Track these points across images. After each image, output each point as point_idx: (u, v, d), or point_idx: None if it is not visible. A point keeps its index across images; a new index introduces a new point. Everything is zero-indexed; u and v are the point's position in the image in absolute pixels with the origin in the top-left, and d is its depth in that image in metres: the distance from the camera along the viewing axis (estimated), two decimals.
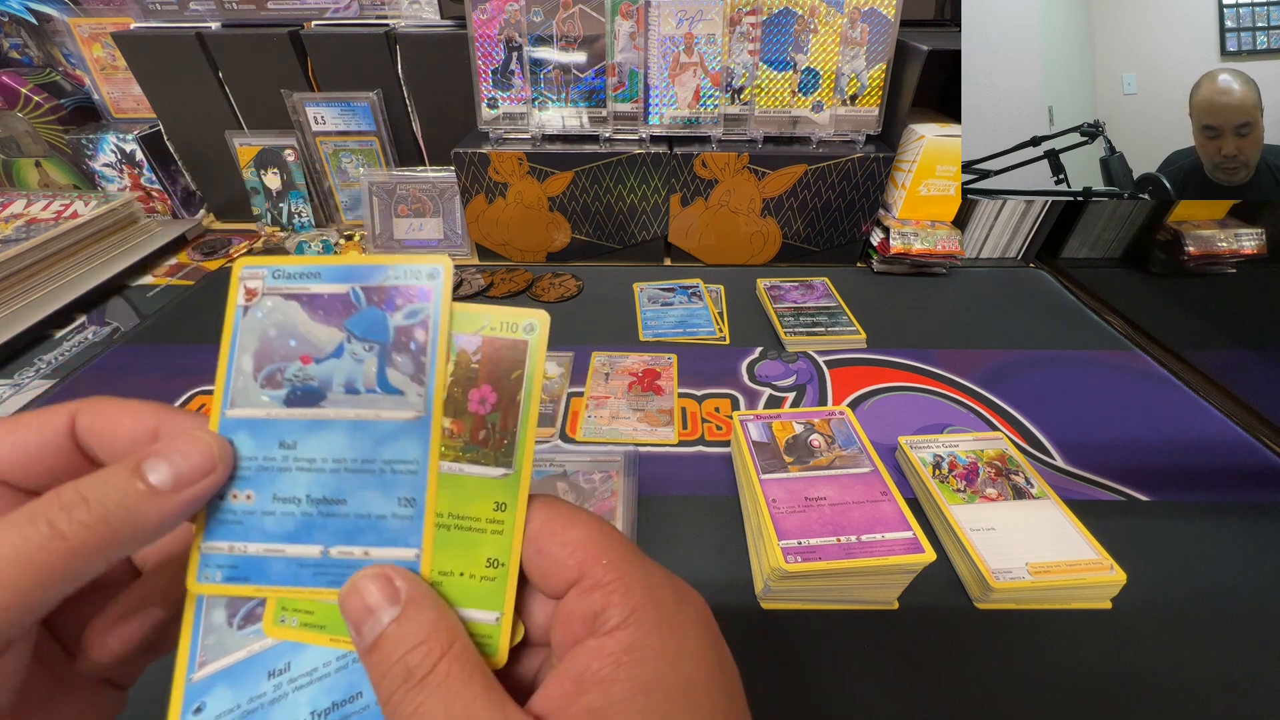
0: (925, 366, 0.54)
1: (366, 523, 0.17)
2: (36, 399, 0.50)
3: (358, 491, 0.17)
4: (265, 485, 0.17)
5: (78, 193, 0.73)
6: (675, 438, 0.46)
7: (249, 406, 0.17)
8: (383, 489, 0.17)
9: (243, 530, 0.17)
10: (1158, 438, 0.46)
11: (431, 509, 0.17)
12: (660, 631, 0.14)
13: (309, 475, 0.17)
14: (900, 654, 0.32)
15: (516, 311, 0.17)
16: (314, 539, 0.17)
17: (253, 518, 0.17)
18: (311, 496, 0.17)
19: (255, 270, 0.18)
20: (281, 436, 0.17)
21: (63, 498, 0.14)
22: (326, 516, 0.17)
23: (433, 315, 0.17)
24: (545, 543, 0.16)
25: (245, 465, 0.17)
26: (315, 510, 0.17)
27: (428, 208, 0.72)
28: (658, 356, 0.54)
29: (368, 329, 0.18)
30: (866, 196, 0.66)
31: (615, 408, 0.48)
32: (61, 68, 0.80)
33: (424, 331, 0.17)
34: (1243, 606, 0.34)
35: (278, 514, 0.17)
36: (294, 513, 0.17)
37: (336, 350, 0.18)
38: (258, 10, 0.69)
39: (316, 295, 0.18)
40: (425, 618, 0.15)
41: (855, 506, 0.34)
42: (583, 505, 0.38)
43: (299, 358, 0.18)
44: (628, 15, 0.60)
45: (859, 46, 0.61)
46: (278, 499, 0.17)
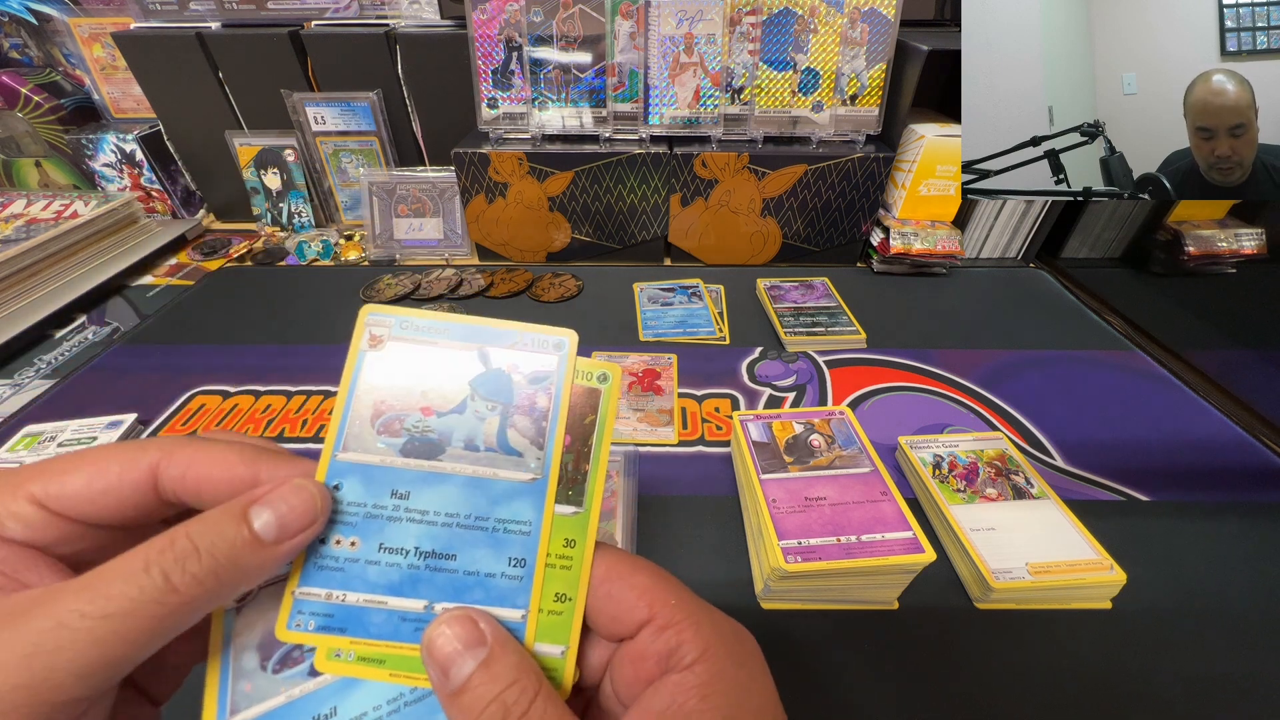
0: (925, 366, 0.54)
1: (475, 580, 0.17)
2: (36, 399, 0.50)
3: (469, 548, 0.17)
4: (372, 533, 0.17)
5: (78, 193, 0.73)
6: (675, 438, 0.46)
7: (363, 452, 0.17)
8: (494, 548, 0.17)
9: (344, 578, 0.16)
10: (1158, 438, 0.46)
11: (541, 571, 0.17)
12: (734, 664, 0.15)
13: (419, 527, 0.17)
14: (900, 654, 0.32)
15: (591, 362, 0.19)
16: (419, 593, 0.16)
17: (356, 566, 0.16)
18: (420, 549, 0.17)
19: (383, 318, 0.18)
20: (394, 485, 0.17)
21: (176, 547, 0.13)
22: (434, 571, 0.17)
23: (557, 383, 0.18)
24: (614, 586, 0.16)
25: (353, 511, 0.17)
26: (423, 564, 0.17)
27: (428, 208, 0.72)
28: (658, 356, 0.54)
29: (493, 389, 0.18)
30: (866, 196, 0.66)
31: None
32: (61, 68, 0.80)
33: (547, 398, 0.18)
34: (1243, 606, 0.34)
35: (382, 564, 0.16)
36: (400, 564, 0.16)
37: (460, 406, 0.18)
38: (258, 10, 0.69)
39: (444, 350, 0.18)
40: (511, 660, 0.15)
41: (855, 506, 0.34)
42: None
43: (420, 409, 0.18)
44: (628, 15, 0.60)
45: (859, 46, 0.61)
46: (384, 549, 0.16)
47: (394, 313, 0.18)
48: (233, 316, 0.61)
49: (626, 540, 0.37)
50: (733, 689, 0.15)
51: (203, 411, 0.48)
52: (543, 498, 0.17)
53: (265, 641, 0.16)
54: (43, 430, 0.45)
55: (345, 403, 0.18)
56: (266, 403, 0.49)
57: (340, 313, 0.61)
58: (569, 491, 0.18)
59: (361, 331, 0.18)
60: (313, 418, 0.47)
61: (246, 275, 0.69)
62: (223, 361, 0.54)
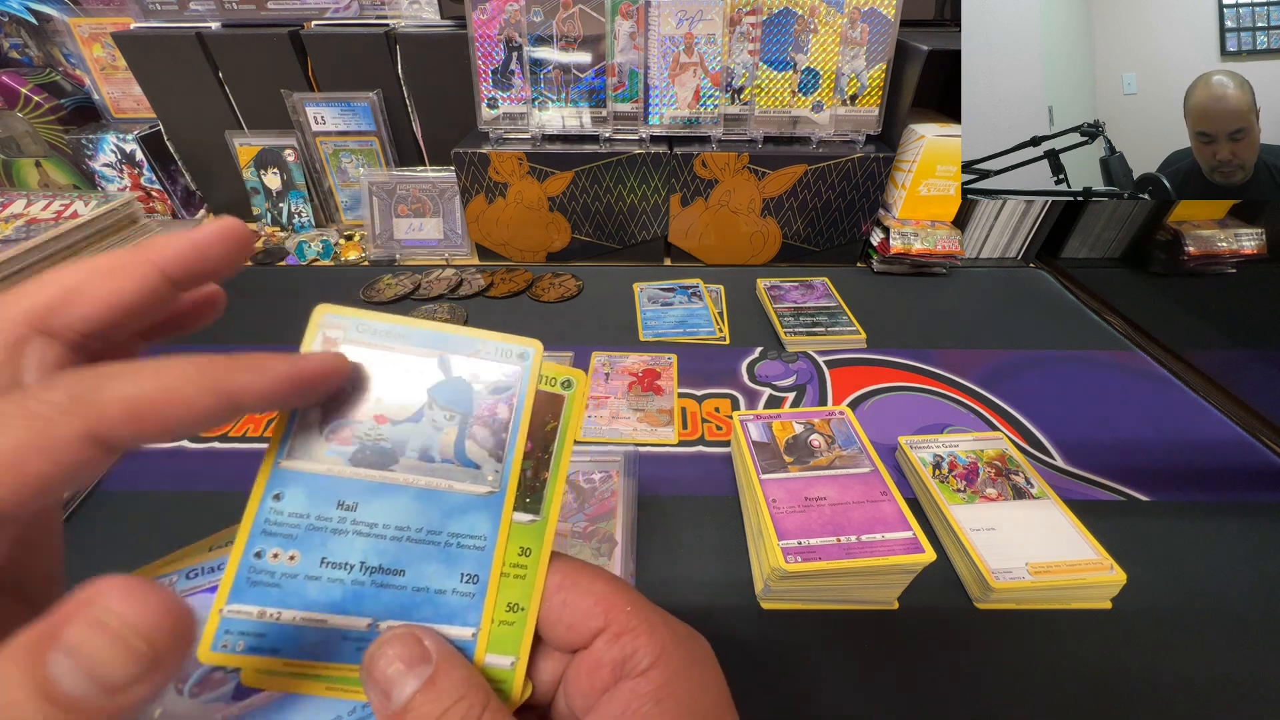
0: (925, 366, 0.54)
1: (424, 597, 0.16)
2: None
3: (419, 563, 0.16)
4: (314, 547, 0.15)
5: (78, 193, 0.73)
6: (675, 438, 0.46)
7: (309, 460, 0.16)
8: (446, 563, 0.16)
9: (280, 594, 0.15)
10: (1158, 438, 0.46)
11: (495, 587, 0.16)
12: (687, 667, 0.15)
13: (367, 541, 0.16)
14: (900, 654, 0.32)
15: (557, 367, 0.18)
16: (363, 610, 0.15)
17: (294, 581, 0.15)
18: (367, 564, 0.16)
19: (338, 320, 0.17)
20: (341, 496, 0.16)
21: None
22: (380, 587, 0.16)
23: (519, 395, 0.18)
24: (570, 594, 0.16)
25: (293, 523, 0.16)
26: (369, 579, 0.16)
27: (428, 208, 0.72)
28: (658, 356, 0.54)
29: (452, 398, 0.17)
30: (866, 196, 0.66)
31: (615, 407, 0.48)
32: (61, 68, 0.80)
33: (508, 409, 0.17)
34: (1243, 606, 0.34)
35: (324, 579, 0.15)
36: (343, 580, 0.15)
37: (416, 415, 0.17)
38: (258, 10, 0.69)
39: (402, 356, 0.17)
40: (458, 674, 0.14)
41: (855, 506, 0.34)
42: (582, 505, 0.39)
43: (374, 416, 0.17)
44: (628, 15, 0.60)
45: (859, 46, 0.61)
46: (327, 563, 0.15)
47: (351, 315, 0.17)
48: (233, 316, 0.61)
49: (626, 540, 0.37)
50: (686, 693, 0.15)
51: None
52: (499, 512, 0.17)
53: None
54: None
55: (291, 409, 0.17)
56: None
57: None
58: (526, 499, 0.17)
59: (315, 333, 0.17)
60: None
61: (246, 275, 0.69)
62: None
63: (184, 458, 0.44)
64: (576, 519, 0.38)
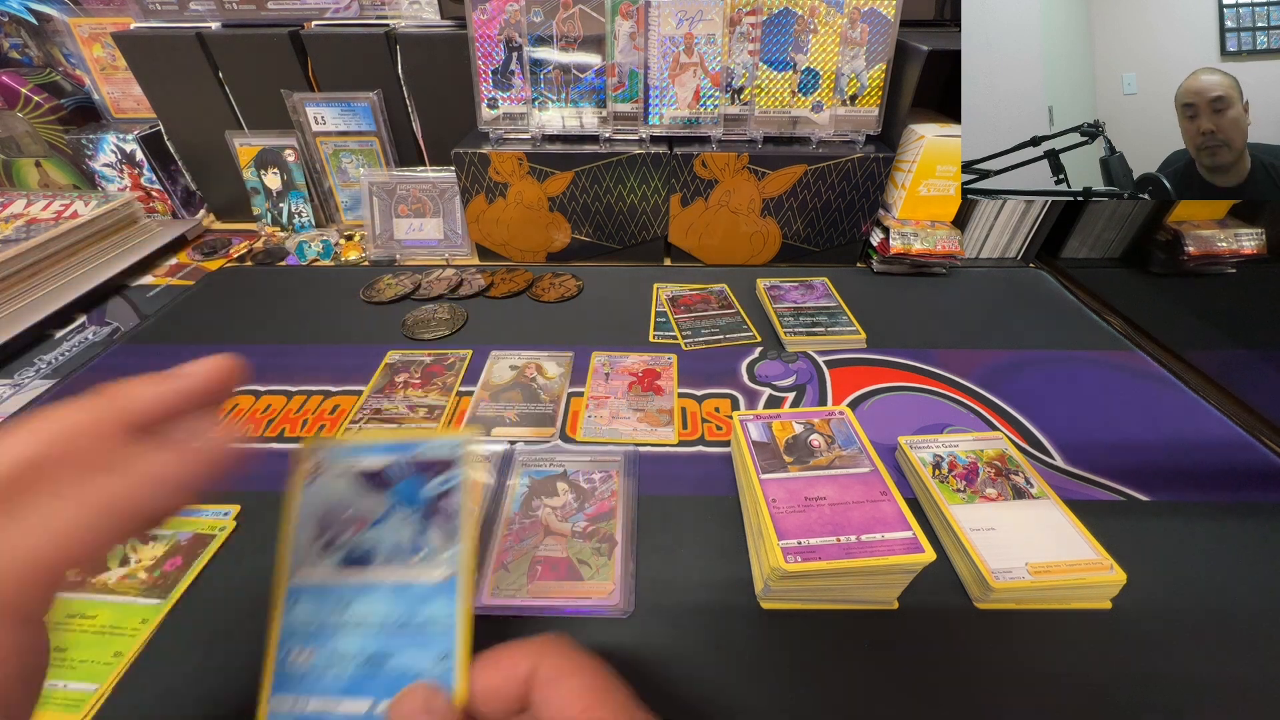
0: (925, 366, 0.54)
1: (411, 677, 0.19)
2: (37, 399, 0.50)
3: (402, 649, 0.19)
4: (325, 643, 0.19)
5: (78, 193, 0.73)
6: (675, 438, 0.46)
7: (311, 570, 0.20)
8: (422, 645, 0.19)
9: (305, 684, 0.19)
10: (1158, 438, 0.46)
11: (465, 659, 0.19)
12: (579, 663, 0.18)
13: (360, 633, 0.19)
14: (900, 654, 0.32)
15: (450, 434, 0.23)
16: (365, 693, 0.19)
17: (313, 674, 0.19)
18: (364, 653, 0.19)
19: (316, 452, 0.22)
20: (338, 599, 0.20)
21: None
22: (377, 670, 0.19)
23: (460, 483, 0.21)
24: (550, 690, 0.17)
25: (307, 626, 0.20)
26: (366, 667, 0.19)
27: (428, 208, 0.72)
28: (658, 356, 0.54)
29: (409, 496, 0.21)
30: (866, 197, 0.66)
31: (615, 407, 0.48)
32: (61, 68, 0.80)
33: (454, 498, 0.21)
34: (1243, 606, 0.34)
35: (334, 671, 0.19)
36: (348, 669, 0.19)
37: (385, 514, 0.21)
38: (258, 10, 0.69)
39: (367, 468, 0.21)
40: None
41: (855, 506, 0.34)
42: (582, 505, 0.39)
43: (354, 525, 0.21)
44: (628, 15, 0.60)
45: (859, 46, 0.61)
46: (336, 655, 0.19)
47: (325, 446, 0.22)
48: (233, 316, 0.61)
49: (626, 540, 0.37)
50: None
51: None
52: (455, 592, 0.20)
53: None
54: None
55: (294, 532, 0.21)
56: (266, 403, 0.49)
57: (340, 313, 0.61)
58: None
59: (301, 468, 0.21)
60: (313, 418, 0.47)
61: (246, 275, 0.69)
62: None
63: None
64: (577, 519, 0.38)
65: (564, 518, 0.39)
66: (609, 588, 0.34)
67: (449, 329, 0.58)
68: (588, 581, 0.35)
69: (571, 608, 0.34)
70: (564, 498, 0.40)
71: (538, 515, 0.39)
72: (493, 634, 0.33)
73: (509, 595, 0.34)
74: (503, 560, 0.36)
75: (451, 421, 0.47)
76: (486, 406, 0.49)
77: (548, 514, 0.39)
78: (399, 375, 0.52)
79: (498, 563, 0.36)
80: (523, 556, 0.36)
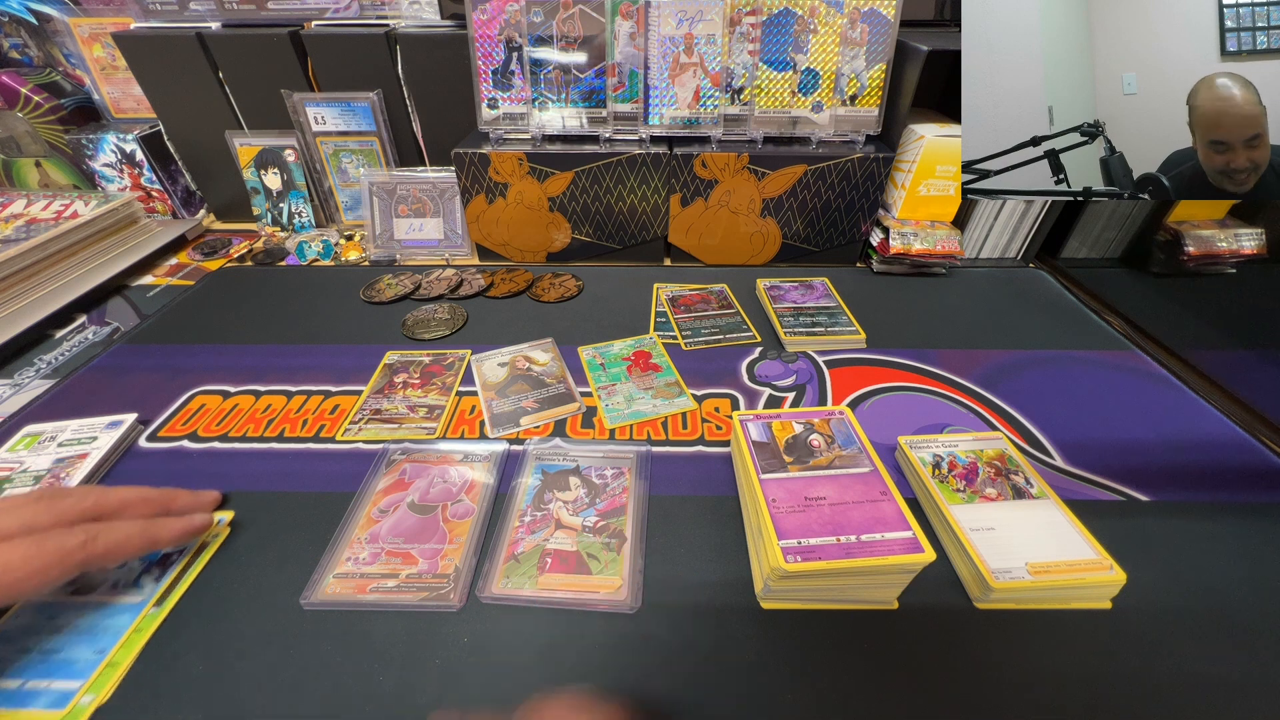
0: (925, 366, 0.54)
1: (71, 665, 0.30)
2: (37, 399, 0.50)
3: (73, 645, 0.32)
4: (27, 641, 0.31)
5: (78, 193, 0.73)
6: (692, 403, 0.48)
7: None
8: (89, 643, 0.31)
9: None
10: (1158, 438, 0.46)
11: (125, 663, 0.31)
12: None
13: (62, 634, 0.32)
14: (900, 654, 0.32)
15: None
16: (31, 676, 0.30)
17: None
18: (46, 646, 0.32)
19: None
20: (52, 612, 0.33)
21: None
22: (47, 658, 0.31)
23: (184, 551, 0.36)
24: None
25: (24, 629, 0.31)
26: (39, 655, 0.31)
27: (428, 208, 0.72)
28: (640, 339, 0.56)
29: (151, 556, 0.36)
30: (866, 197, 0.66)
31: (626, 391, 0.50)
32: (61, 68, 0.80)
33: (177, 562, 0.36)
34: (1243, 607, 0.34)
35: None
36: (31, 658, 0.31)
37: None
38: (258, 10, 0.69)
39: None
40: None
41: (855, 506, 0.34)
42: (594, 501, 0.39)
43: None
44: (628, 15, 0.60)
45: (859, 47, 0.61)
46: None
47: None
48: (233, 316, 0.61)
49: (635, 537, 0.37)
50: None
51: (203, 411, 0.48)
52: (137, 614, 0.33)
53: None
54: (43, 430, 0.45)
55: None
56: (267, 403, 0.49)
57: (340, 313, 0.61)
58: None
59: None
60: (313, 418, 0.47)
61: (247, 275, 0.69)
62: (223, 361, 0.54)
63: (184, 457, 0.44)
64: (588, 514, 0.39)
65: (575, 512, 0.39)
66: (617, 583, 0.35)
67: (449, 329, 0.58)
68: (595, 576, 0.35)
69: (578, 601, 0.34)
70: (576, 492, 0.40)
71: (549, 509, 0.39)
72: (500, 622, 0.33)
73: (517, 586, 0.35)
74: (513, 551, 0.37)
75: (452, 422, 0.47)
76: (499, 404, 0.49)
77: (559, 508, 0.39)
78: (398, 375, 0.52)
79: (508, 554, 0.36)
80: (533, 548, 0.37)
